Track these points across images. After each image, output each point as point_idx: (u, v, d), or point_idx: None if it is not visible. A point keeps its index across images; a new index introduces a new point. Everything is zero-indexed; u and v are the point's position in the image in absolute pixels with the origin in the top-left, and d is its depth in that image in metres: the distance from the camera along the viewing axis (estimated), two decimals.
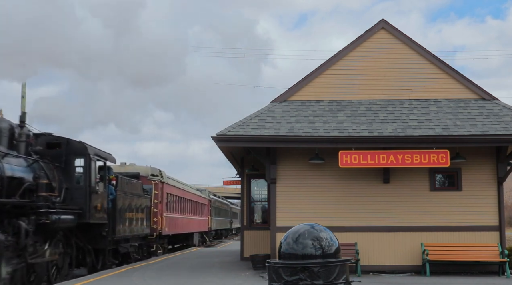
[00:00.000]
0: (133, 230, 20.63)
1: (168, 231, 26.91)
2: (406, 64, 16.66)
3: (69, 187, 15.49)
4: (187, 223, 33.12)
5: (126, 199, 19.71)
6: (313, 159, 15.72)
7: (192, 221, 35.04)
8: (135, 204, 20.81)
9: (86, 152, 16.02)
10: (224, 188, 71.50)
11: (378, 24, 16.92)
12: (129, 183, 20.41)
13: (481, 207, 15.77)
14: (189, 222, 34.00)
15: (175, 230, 28.90)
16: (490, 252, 15.32)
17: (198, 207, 38.40)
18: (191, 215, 35.00)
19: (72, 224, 15.16)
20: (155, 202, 24.10)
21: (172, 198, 28.67)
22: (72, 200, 15.40)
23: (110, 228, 17.74)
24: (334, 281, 4.81)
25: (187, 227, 33.01)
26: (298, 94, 16.67)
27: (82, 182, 15.94)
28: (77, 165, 16.04)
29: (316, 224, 5.17)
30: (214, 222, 47.08)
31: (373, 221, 15.79)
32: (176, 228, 29.37)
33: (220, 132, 15.11)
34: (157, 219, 24.21)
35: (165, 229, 25.86)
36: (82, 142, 16.31)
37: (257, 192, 22.03)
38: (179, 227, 30.18)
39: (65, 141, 15.91)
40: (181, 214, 31.27)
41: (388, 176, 15.86)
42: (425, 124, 15.38)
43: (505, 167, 15.82)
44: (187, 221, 33.05)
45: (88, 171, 15.93)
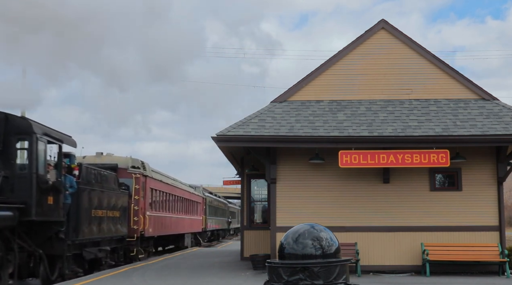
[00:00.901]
0: (105, 231, 17.44)
1: (153, 232, 23.87)
2: (406, 64, 16.66)
3: (9, 175, 12.31)
4: (177, 223, 30.04)
5: (94, 194, 16.56)
6: (313, 159, 15.73)
7: (183, 220, 31.84)
8: (108, 200, 17.72)
9: (31, 131, 12.71)
10: (224, 188, 71.49)
11: (378, 24, 16.93)
12: (98, 175, 17.11)
13: (481, 207, 15.78)
14: (180, 222, 30.80)
15: (161, 231, 26.00)
16: (490, 252, 15.32)
17: (191, 205, 35.27)
18: (182, 214, 31.83)
19: (11, 222, 11.99)
20: (136, 199, 20.99)
21: (158, 195, 25.62)
22: (13, 193, 12.23)
23: (70, 229, 14.73)
24: (334, 281, 4.81)
25: (177, 228, 29.99)
26: (298, 94, 16.68)
27: (27, 169, 12.67)
28: (21, 147, 13.13)
29: (316, 224, 5.17)
30: (210, 222, 44.25)
31: (373, 221, 15.79)
32: (163, 229, 26.45)
33: (220, 132, 15.12)
34: (138, 218, 20.98)
35: (148, 230, 22.78)
36: (27, 118, 13.33)
37: (257, 192, 22.04)
38: (166, 228, 27.27)
39: (3, 117, 12.68)
40: (170, 212, 28.22)
41: (388, 176, 15.87)
42: (425, 124, 15.38)
43: (505, 167, 15.83)
44: (176, 221, 29.91)
45: (34, 155, 12.65)
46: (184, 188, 32.85)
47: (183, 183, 34.08)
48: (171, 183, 28.75)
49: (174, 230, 29.35)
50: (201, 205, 39.89)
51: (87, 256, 16.20)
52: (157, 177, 25.23)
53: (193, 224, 35.74)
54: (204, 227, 40.46)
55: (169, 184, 28.08)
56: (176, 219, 29.59)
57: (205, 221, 41.32)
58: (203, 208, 40.93)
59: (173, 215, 29.00)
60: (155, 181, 24.62)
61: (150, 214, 23.28)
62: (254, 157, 17.61)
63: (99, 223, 16.91)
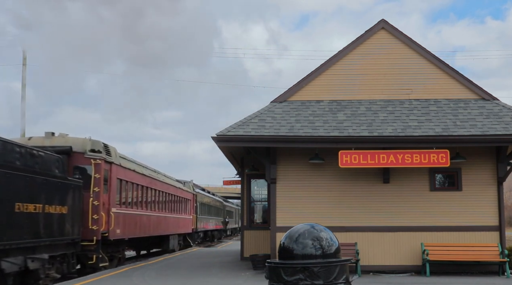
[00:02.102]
0: (41, 233, 13.29)
1: (122, 233, 19.36)
2: (406, 64, 16.66)
3: None
4: (159, 223, 25.53)
5: (21, 182, 12.44)
6: (313, 159, 15.73)
7: (167, 220, 27.28)
8: (47, 192, 13.67)
9: None
10: (224, 188, 71.47)
11: (378, 24, 16.93)
12: (29, 155, 13.01)
13: (481, 207, 15.78)
14: (162, 222, 26.31)
15: (136, 232, 21.42)
16: (490, 252, 15.32)
17: (178, 202, 30.62)
18: (166, 212, 27.26)
19: None
20: (96, 191, 16.72)
21: (131, 188, 20.97)
22: None
23: None
24: (334, 281, 4.81)
25: (158, 228, 25.42)
26: (298, 94, 16.68)
27: None
28: None
29: (316, 224, 5.17)
30: (201, 222, 39.79)
31: (373, 221, 15.79)
32: (138, 230, 21.93)
33: (220, 132, 15.11)
34: (99, 216, 16.67)
35: (114, 231, 18.26)
36: None
37: (257, 192, 22.03)
38: (143, 228, 22.68)
39: None
40: (148, 210, 23.72)
41: (388, 176, 15.87)
42: (425, 124, 15.38)
43: (505, 167, 15.83)
44: (158, 220, 25.37)
45: None
46: (168, 182, 28.23)
47: (168, 176, 29.62)
48: (149, 175, 24.16)
49: (155, 231, 24.88)
50: (191, 203, 35.52)
51: (7, 268, 11.84)
52: (128, 166, 20.52)
53: (181, 224, 31.29)
54: (194, 227, 36.37)
55: (146, 176, 23.47)
56: (157, 218, 25.20)
57: (196, 220, 37.13)
58: (194, 206, 36.52)
59: (153, 213, 24.57)
60: (125, 171, 20.01)
61: (118, 211, 18.85)
62: (254, 157, 17.61)
63: (31, 222, 12.84)
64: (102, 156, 17.34)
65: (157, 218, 25.30)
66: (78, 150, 16.91)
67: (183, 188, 32.53)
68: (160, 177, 26.49)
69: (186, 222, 33.11)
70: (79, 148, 17.00)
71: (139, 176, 22.27)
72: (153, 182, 24.72)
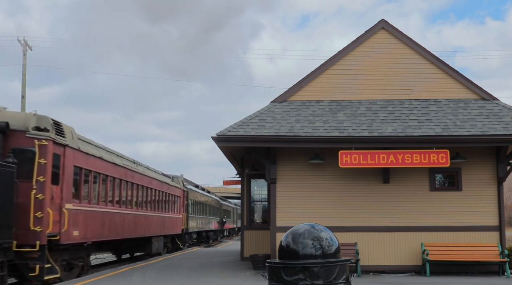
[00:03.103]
0: None
1: (83, 236, 15.64)
2: (406, 64, 16.66)
3: None
4: (137, 223, 21.71)
5: None
6: (313, 159, 15.72)
7: (148, 219, 23.50)
8: None
9: None
10: (224, 188, 71.46)
11: (378, 24, 16.92)
12: None
13: (481, 207, 15.77)
14: (141, 221, 22.44)
15: (102, 233, 17.49)
16: (490, 252, 15.32)
17: (164, 199, 26.91)
18: (147, 210, 23.50)
19: None
20: (41, 182, 13.27)
21: (95, 179, 17.09)
22: None
23: None
24: (334, 281, 4.82)
25: (136, 229, 21.55)
26: (298, 94, 16.67)
27: None
28: None
29: (316, 224, 5.18)
30: (193, 222, 36.11)
31: (373, 221, 15.79)
32: (106, 231, 17.89)
33: (220, 132, 15.11)
34: (44, 214, 13.18)
35: (70, 233, 14.64)
36: None
37: (257, 192, 22.03)
38: (113, 229, 18.63)
39: None
40: (121, 207, 19.58)
41: (388, 176, 15.86)
42: (425, 124, 15.38)
43: (505, 167, 15.82)
44: (136, 220, 21.59)
45: None
46: (150, 175, 24.26)
47: (152, 169, 25.77)
48: (124, 165, 20.11)
49: (132, 232, 20.95)
50: (181, 200, 31.60)
51: None
52: (92, 152, 16.57)
53: (167, 224, 27.48)
54: (185, 227, 32.69)
55: (120, 166, 19.40)
56: (134, 216, 21.29)
57: (187, 220, 33.50)
58: (184, 203, 32.64)
59: (129, 211, 20.63)
60: (87, 157, 16.13)
61: (76, 208, 15.19)
62: (254, 157, 17.60)
63: None
64: (51, 136, 13.63)
65: (135, 217, 21.51)
66: (18, 128, 13.51)
67: (170, 183, 28.57)
68: (139, 169, 22.68)
69: (174, 221, 29.34)
70: (19, 125, 13.58)
71: (109, 165, 18.31)
72: (130, 174, 20.80)
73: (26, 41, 37.62)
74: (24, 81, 36.57)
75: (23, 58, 37.23)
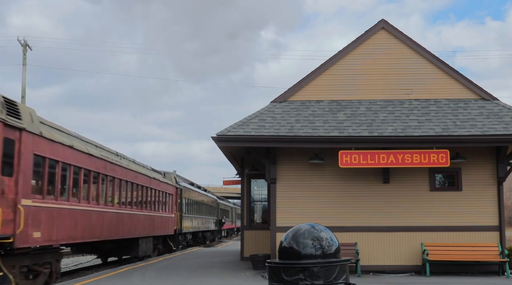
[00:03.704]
0: None
1: (46, 237, 13.28)
2: (406, 64, 16.66)
3: None
4: (119, 222, 19.30)
5: None
6: (313, 159, 15.72)
7: (133, 218, 21.05)
8: None
9: None
10: (224, 188, 71.47)
11: (378, 24, 16.92)
12: None
13: (481, 207, 15.77)
14: (125, 221, 19.95)
15: (75, 234, 15.14)
16: (490, 252, 15.32)
17: (153, 196, 24.61)
18: (132, 208, 21.13)
19: None
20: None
21: (63, 171, 14.48)
22: None
23: None
24: (334, 281, 4.81)
25: (118, 229, 19.13)
26: (298, 94, 16.67)
27: None
28: None
29: (316, 224, 5.17)
30: (188, 221, 34.01)
31: (373, 221, 15.79)
32: (79, 231, 15.44)
33: (220, 132, 15.11)
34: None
35: (28, 234, 12.35)
36: None
37: (257, 192, 22.03)
38: (88, 229, 16.17)
39: None
40: (98, 204, 17.32)
41: (388, 176, 15.86)
42: (425, 124, 15.38)
43: (505, 167, 15.82)
44: (117, 219, 19.06)
45: None
46: (136, 169, 21.89)
47: (139, 163, 23.58)
48: (103, 157, 17.71)
49: (113, 233, 18.60)
50: (173, 198, 29.41)
51: None
52: (58, 138, 14.02)
53: (157, 223, 25.24)
54: (178, 228, 30.66)
55: (97, 158, 16.99)
56: (116, 215, 18.97)
57: (180, 219, 31.45)
58: (177, 202, 30.49)
59: (109, 208, 18.31)
60: (52, 145, 13.61)
61: (36, 204, 12.87)
62: (254, 157, 17.60)
63: None
64: (0, 116, 11.27)
65: (117, 216, 19.07)
66: None
67: (161, 179, 26.28)
68: (123, 162, 20.28)
69: (165, 221, 27.01)
70: None
71: (84, 156, 15.83)
72: (111, 167, 18.43)
73: (26, 41, 37.63)
74: (24, 81, 36.58)
75: (23, 58, 37.24)
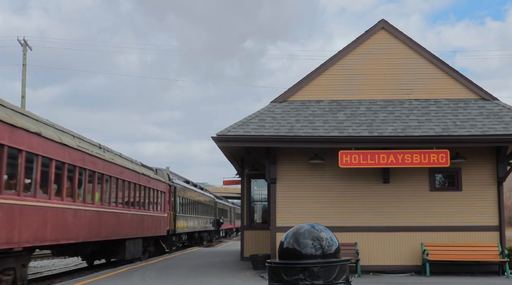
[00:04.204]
0: None
1: (4, 240, 11.24)
2: (406, 64, 16.66)
3: None
4: (101, 222, 17.16)
5: None
6: (313, 159, 15.72)
7: (119, 217, 19.00)
8: None
9: None
10: (224, 188, 71.44)
11: (378, 24, 16.92)
12: None
13: (481, 207, 15.77)
14: (109, 220, 17.90)
15: (44, 236, 13.08)
16: (490, 252, 15.31)
17: (142, 194, 22.45)
18: (116, 206, 18.86)
19: None
20: None
21: (26, 162, 12.30)
22: None
23: None
24: (334, 281, 4.81)
25: (100, 229, 17.08)
26: (298, 94, 16.67)
27: None
28: None
29: (316, 224, 5.17)
30: (183, 221, 32.16)
31: (373, 221, 15.79)
32: (49, 232, 13.33)
33: (220, 132, 15.10)
34: None
35: None
36: None
37: (257, 192, 22.04)
38: (61, 230, 14.11)
39: None
40: (74, 201, 15.02)
41: (388, 176, 15.86)
42: (425, 124, 15.38)
43: (505, 167, 15.82)
44: (98, 218, 16.89)
45: None
46: (123, 164, 19.67)
47: (126, 157, 21.26)
48: (80, 148, 15.33)
49: (95, 234, 16.62)
50: (166, 196, 27.29)
51: None
52: (19, 123, 11.83)
53: (147, 223, 23.16)
54: (171, 228, 28.70)
55: (72, 148, 14.75)
56: (96, 214, 16.85)
57: (174, 219, 29.48)
58: (170, 200, 28.53)
59: (89, 207, 16.25)
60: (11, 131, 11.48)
61: None
62: (254, 157, 17.60)
63: None
64: None
65: (98, 215, 16.95)
66: None
67: (152, 176, 24.19)
68: (106, 155, 17.93)
69: (156, 221, 24.84)
70: None
71: (55, 146, 13.68)
72: (90, 160, 16.17)
73: (26, 41, 37.63)
74: (24, 81, 36.58)
75: (23, 58, 37.24)
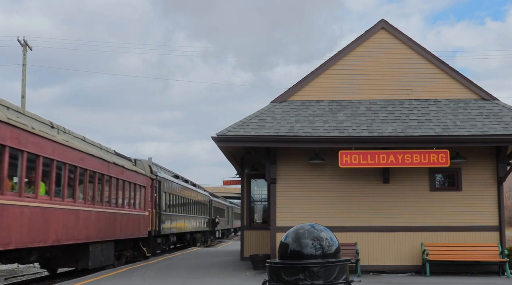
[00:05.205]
0: None
1: None
2: (406, 64, 16.66)
3: None
4: (50, 222, 13.65)
5: None
6: (313, 159, 15.72)
7: (80, 216, 15.61)
8: None
9: None
10: (224, 188, 71.40)
11: (378, 24, 16.92)
12: None
13: (481, 207, 15.77)
14: (66, 220, 14.65)
15: None
16: (490, 252, 15.32)
17: (113, 187, 18.90)
18: (75, 202, 15.39)
19: None
20: None
21: None
22: None
23: None
24: (334, 281, 4.81)
25: (48, 232, 13.50)
26: (298, 94, 16.67)
27: None
28: None
29: (316, 224, 5.17)
30: (170, 221, 28.46)
31: (373, 221, 15.79)
32: None
33: (220, 132, 15.10)
34: None
35: None
36: None
37: (257, 192, 22.02)
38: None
39: None
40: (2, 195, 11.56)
41: (388, 176, 15.86)
42: (425, 124, 15.38)
43: (505, 167, 15.82)
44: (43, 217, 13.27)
45: None
46: (83, 149, 15.98)
47: (92, 142, 17.65)
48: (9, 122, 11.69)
49: (39, 238, 13.09)
50: (147, 192, 23.45)
51: None
52: None
53: (121, 224, 19.56)
54: (154, 228, 25.12)
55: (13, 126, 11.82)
56: (42, 211, 13.28)
57: (158, 218, 25.87)
58: (153, 196, 24.95)
59: (26, 201, 12.55)
60: None
61: None
62: (254, 157, 17.60)
63: None
64: None
65: (44, 213, 13.41)
66: None
67: (127, 167, 20.44)
68: (58, 137, 14.30)
69: (134, 220, 21.24)
70: None
71: None
72: (30, 139, 12.66)
73: (26, 41, 37.63)
74: (24, 81, 36.57)
75: (23, 58, 37.23)
